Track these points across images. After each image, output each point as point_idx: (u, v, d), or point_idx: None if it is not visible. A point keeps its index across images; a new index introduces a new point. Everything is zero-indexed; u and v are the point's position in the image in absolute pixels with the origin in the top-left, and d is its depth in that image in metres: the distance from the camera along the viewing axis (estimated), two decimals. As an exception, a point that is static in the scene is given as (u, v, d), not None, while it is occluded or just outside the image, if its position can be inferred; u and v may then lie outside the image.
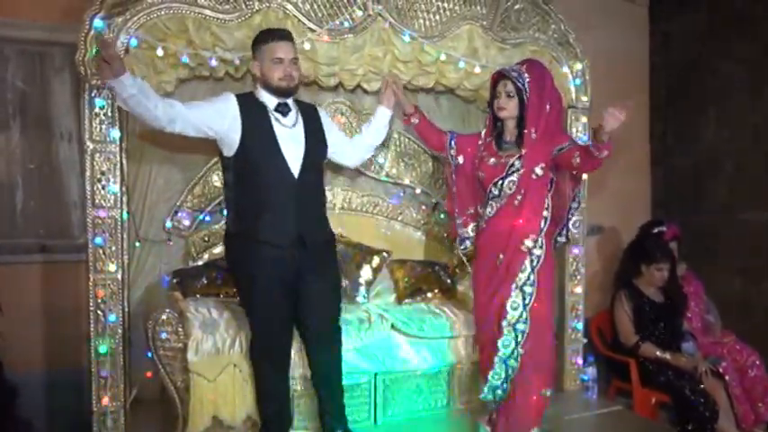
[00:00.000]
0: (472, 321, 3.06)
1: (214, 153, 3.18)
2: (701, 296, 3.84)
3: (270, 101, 2.46)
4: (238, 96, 2.45)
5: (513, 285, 2.54)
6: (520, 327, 2.54)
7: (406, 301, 3.25)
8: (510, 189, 2.57)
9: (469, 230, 2.81)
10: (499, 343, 2.55)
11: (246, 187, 2.43)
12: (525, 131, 2.53)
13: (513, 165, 2.56)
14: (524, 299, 2.54)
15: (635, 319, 3.49)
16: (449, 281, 3.40)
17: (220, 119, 2.40)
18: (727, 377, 3.37)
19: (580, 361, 3.43)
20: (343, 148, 2.75)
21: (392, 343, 2.94)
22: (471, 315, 3.09)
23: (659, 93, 4.56)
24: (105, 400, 2.54)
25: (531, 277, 2.54)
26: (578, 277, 3.42)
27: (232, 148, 2.41)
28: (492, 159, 2.64)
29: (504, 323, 2.54)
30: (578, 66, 3.28)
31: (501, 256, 2.57)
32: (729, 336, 3.70)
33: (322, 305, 2.55)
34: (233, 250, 2.51)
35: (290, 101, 2.50)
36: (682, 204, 4.41)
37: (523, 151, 2.54)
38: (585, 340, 3.51)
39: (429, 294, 3.31)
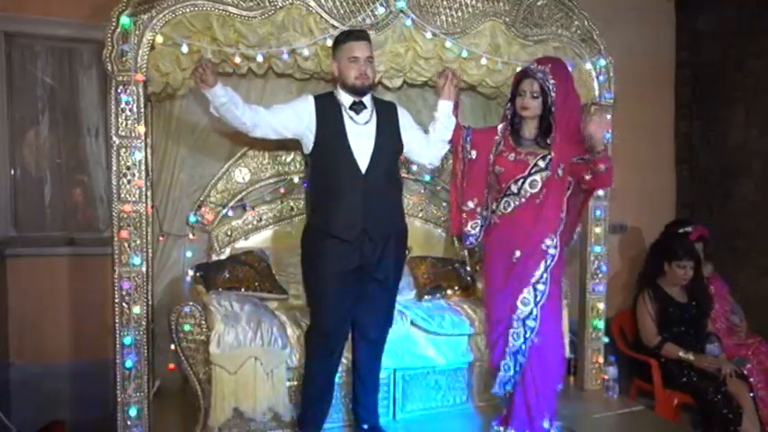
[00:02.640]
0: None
1: (236, 149, 3.24)
2: (726, 297, 3.78)
3: (346, 99, 2.53)
4: (317, 97, 2.56)
5: (527, 283, 2.56)
6: (529, 323, 2.57)
7: (426, 297, 3.25)
8: (533, 188, 2.56)
9: (470, 227, 2.75)
10: (510, 335, 2.59)
11: (320, 183, 2.56)
12: (553, 135, 2.55)
13: (537, 164, 2.56)
14: (536, 296, 2.56)
15: (658, 319, 3.45)
16: (468, 278, 3.39)
17: (298, 120, 2.51)
18: (752, 379, 3.32)
19: (601, 360, 3.40)
20: (419, 147, 2.73)
21: (412, 339, 2.95)
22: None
23: (685, 90, 4.49)
24: (129, 391, 2.58)
25: (545, 276, 2.56)
26: (599, 275, 3.39)
27: (309, 146, 2.54)
28: (511, 155, 2.62)
29: (515, 317, 2.57)
30: (602, 62, 3.24)
31: (518, 253, 2.57)
32: (755, 337, 3.64)
33: (379, 311, 2.65)
34: (306, 242, 2.60)
35: (366, 99, 2.55)
36: (708, 204, 4.34)
37: (552, 154, 2.54)
38: (607, 339, 3.47)
39: (449, 291, 3.30)
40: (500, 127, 2.71)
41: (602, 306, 3.41)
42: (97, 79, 3.35)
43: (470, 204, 2.74)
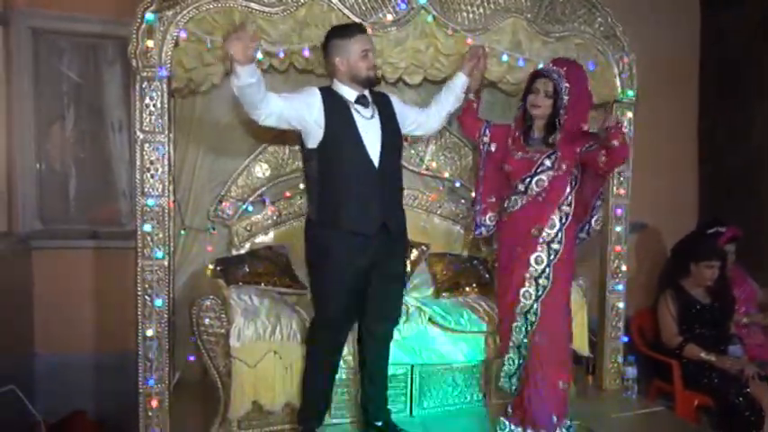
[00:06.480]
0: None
1: (257, 144, 3.26)
2: (753, 300, 3.73)
3: (350, 94, 2.54)
4: (321, 90, 2.54)
5: (527, 275, 2.62)
6: (530, 317, 2.65)
7: (444, 294, 3.24)
8: (539, 186, 2.65)
9: (487, 219, 2.88)
10: (513, 329, 2.70)
11: (330, 177, 2.51)
12: (557, 135, 2.64)
13: (543, 163, 2.64)
14: (537, 290, 2.62)
15: (680, 319, 3.41)
16: (487, 275, 3.38)
17: (308, 112, 2.48)
18: (774, 382, 3.27)
19: (620, 360, 3.37)
20: (421, 121, 2.86)
21: (429, 336, 2.95)
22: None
23: (708, 88, 4.43)
24: (151, 382, 2.62)
25: (547, 271, 2.61)
26: (620, 275, 3.36)
27: (316, 140, 2.49)
28: (519, 154, 2.72)
29: (517, 310, 2.66)
30: (625, 59, 3.20)
31: (519, 249, 2.66)
32: (778, 339, 3.59)
33: (388, 305, 2.67)
34: (315, 238, 2.59)
35: (367, 92, 2.57)
36: (730, 204, 4.27)
37: (558, 154, 2.63)
38: (626, 339, 3.44)
39: (467, 289, 3.29)
40: (513, 125, 2.80)
41: (621, 305, 3.38)
42: (121, 75, 3.39)
43: (492, 198, 2.85)
